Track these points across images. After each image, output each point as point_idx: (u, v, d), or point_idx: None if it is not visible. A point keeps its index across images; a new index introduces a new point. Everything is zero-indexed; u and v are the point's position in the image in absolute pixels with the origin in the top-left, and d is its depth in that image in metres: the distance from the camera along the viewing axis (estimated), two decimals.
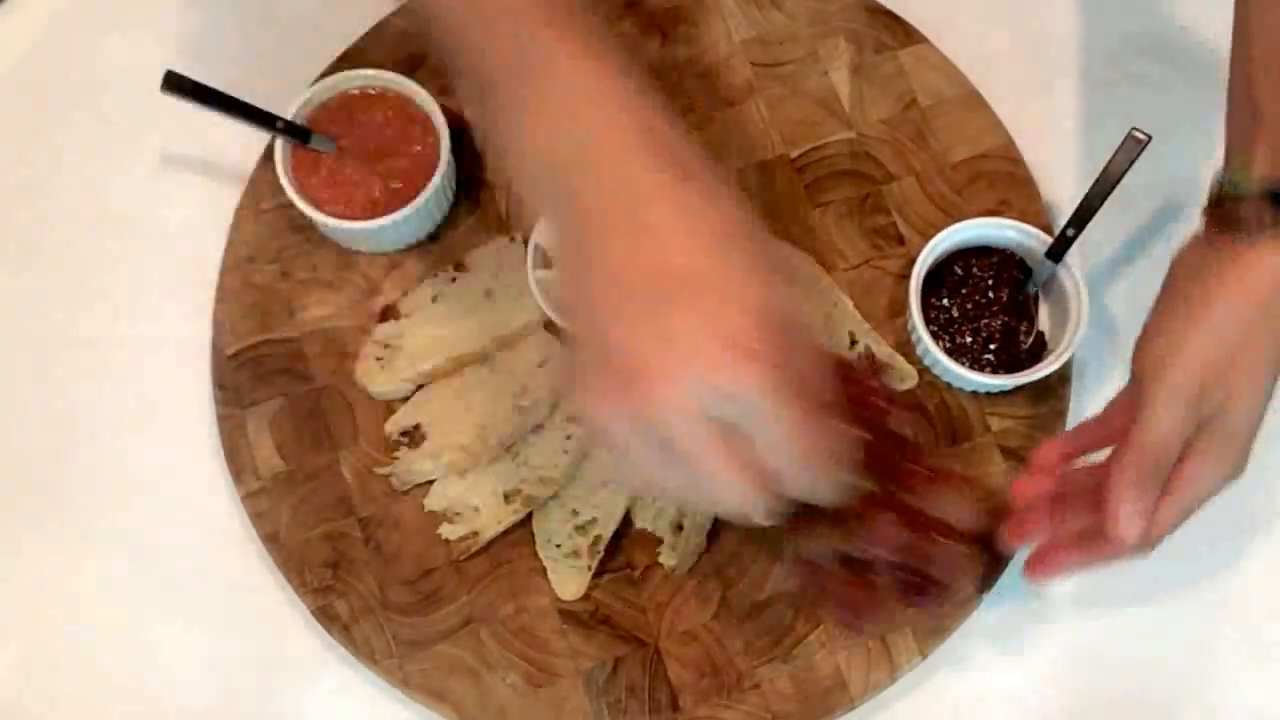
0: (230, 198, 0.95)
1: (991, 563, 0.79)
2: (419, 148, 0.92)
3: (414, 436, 0.90)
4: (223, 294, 0.93)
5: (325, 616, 0.86)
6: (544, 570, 0.87)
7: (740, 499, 0.59)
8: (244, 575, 0.89)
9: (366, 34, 0.99)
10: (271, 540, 0.88)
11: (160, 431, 0.92)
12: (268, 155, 0.94)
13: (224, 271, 0.93)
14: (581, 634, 0.86)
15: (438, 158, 0.91)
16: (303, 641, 0.87)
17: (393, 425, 0.90)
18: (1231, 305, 0.69)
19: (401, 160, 0.92)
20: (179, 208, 0.97)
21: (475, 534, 0.87)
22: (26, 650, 0.88)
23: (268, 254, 0.94)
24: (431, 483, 0.89)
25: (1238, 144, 0.71)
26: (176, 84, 0.88)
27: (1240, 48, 0.72)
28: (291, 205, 0.91)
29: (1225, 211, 0.70)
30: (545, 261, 0.91)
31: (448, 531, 0.88)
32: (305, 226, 0.94)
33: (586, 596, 0.87)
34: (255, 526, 0.88)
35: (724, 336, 0.54)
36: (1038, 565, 0.76)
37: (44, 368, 0.93)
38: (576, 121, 0.59)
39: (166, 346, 0.93)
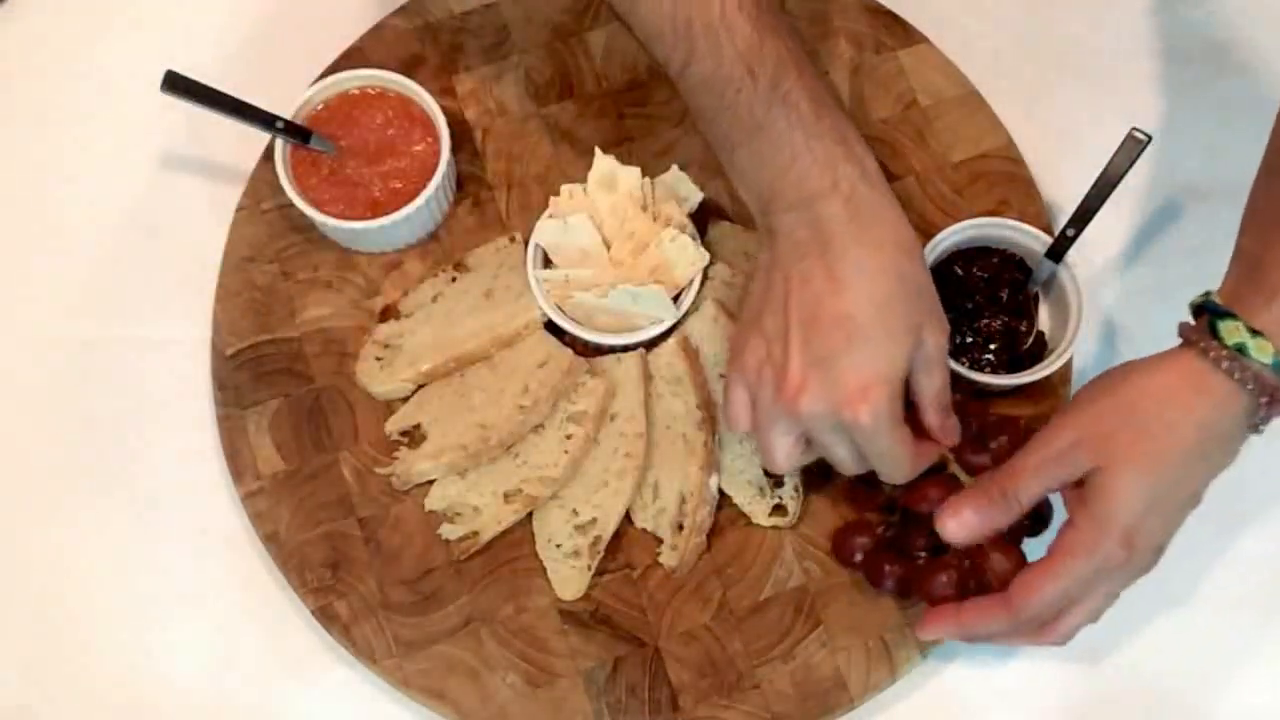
0: (230, 198, 0.95)
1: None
2: (419, 148, 0.92)
3: (414, 436, 0.90)
4: (223, 294, 0.93)
5: (325, 616, 0.86)
6: (544, 570, 0.87)
7: (847, 470, 0.80)
8: (244, 575, 0.89)
9: (366, 34, 0.99)
10: (271, 540, 0.88)
11: (160, 431, 0.92)
12: (268, 155, 0.94)
13: (224, 271, 0.93)
14: (581, 634, 0.86)
15: (438, 158, 0.91)
16: (303, 641, 0.87)
17: (393, 425, 0.90)
18: (1132, 385, 0.74)
19: (401, 160, 0.92)
20: (179, 208, 0.97)
21: (475, 534, 0.87)
22: (28, 650, 0.88)
23: (268, 254, 0.94)
24: (431, 483, 0.89)
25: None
26: (176, 84, 0.88)
27: (1251, 198, 0.77)
28: (291, 205, 0.91)
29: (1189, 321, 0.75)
30: (545, 261, 0.92)
31: (448, 531, 0.88)
32: (305, 226, 0.94)
33: (586, 596, 0.87)
34: (255, 526, 0.88)
35: (858, 386, 0.74)
36: (928, 620, 0.80)
37: (44, 368, 0.93)
38: (783, 172, 0.76)
39: (166, 346, 0.93)
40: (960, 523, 0.77)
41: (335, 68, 0.96)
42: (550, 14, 1.00)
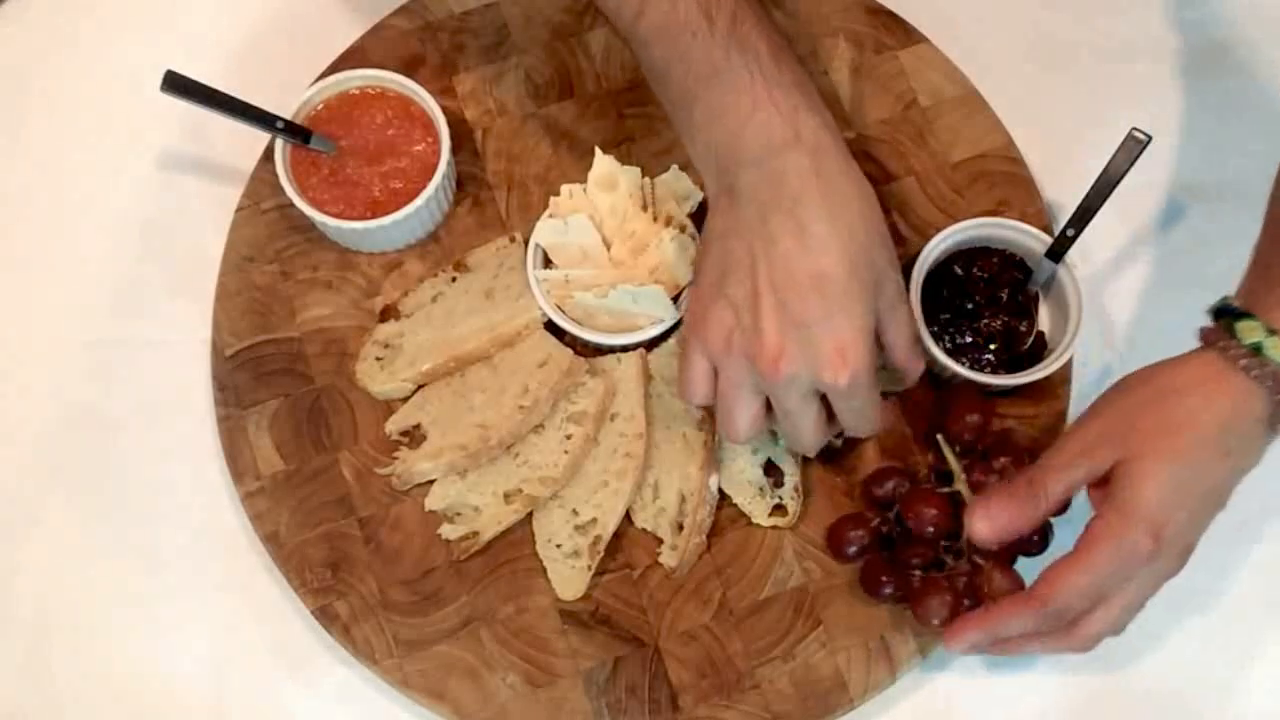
0: (230, 198, 0.95)
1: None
2: (419, 147, 0.92)
3: (414, 436, 0.90)
4: (223, 294, 0.93)
5: (325, 616, 0.86)
6: (544, 570, 0.87)
7: (811, 444, 0.80)
8: (244, 575, 0.89)
9: (366, 34, 0.99)
10: (271, 540, 0.88)
11: (160, 431, 0.92)
12: (268, 155, 0.94)
13: (224, 271, 0.93)
14: (581, 634, 0.86)
15: (438, 158, 0.91)
16: (303, 641, 0.87)
17: (393, 425, 0.90)
18: (1154, 384, 0.75)
19: (401, 160, 0.92)
20: (179, 208, 0.97)
21: (475, 534, 0.87)
22: (27, 650, 0.88)
23: (268, 254, 0.94)
24: (432, 483, 0.89)
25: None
26: (176, 84, 0.88)
27: (1269, 200, 0.79)
28: (291, 205, 0.91)
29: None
30: (545, 261, 0.92)
31: (448, 531, 0.88)
32: (305, 226, 0.94)
33: (586, 596, 0.87)
34: (255, 526, 0.88)
35: (837, 348, 0.74)
36: (954, 631, 0.79)
37: (44, 368, 0.93)
38: (744, 122, 0.75)
39: (166, 346, 0.93)
40: (990, 521, 0.76)
41: (335, 68, 0.96)
42: (550, 14, 1.00)
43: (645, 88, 0.98)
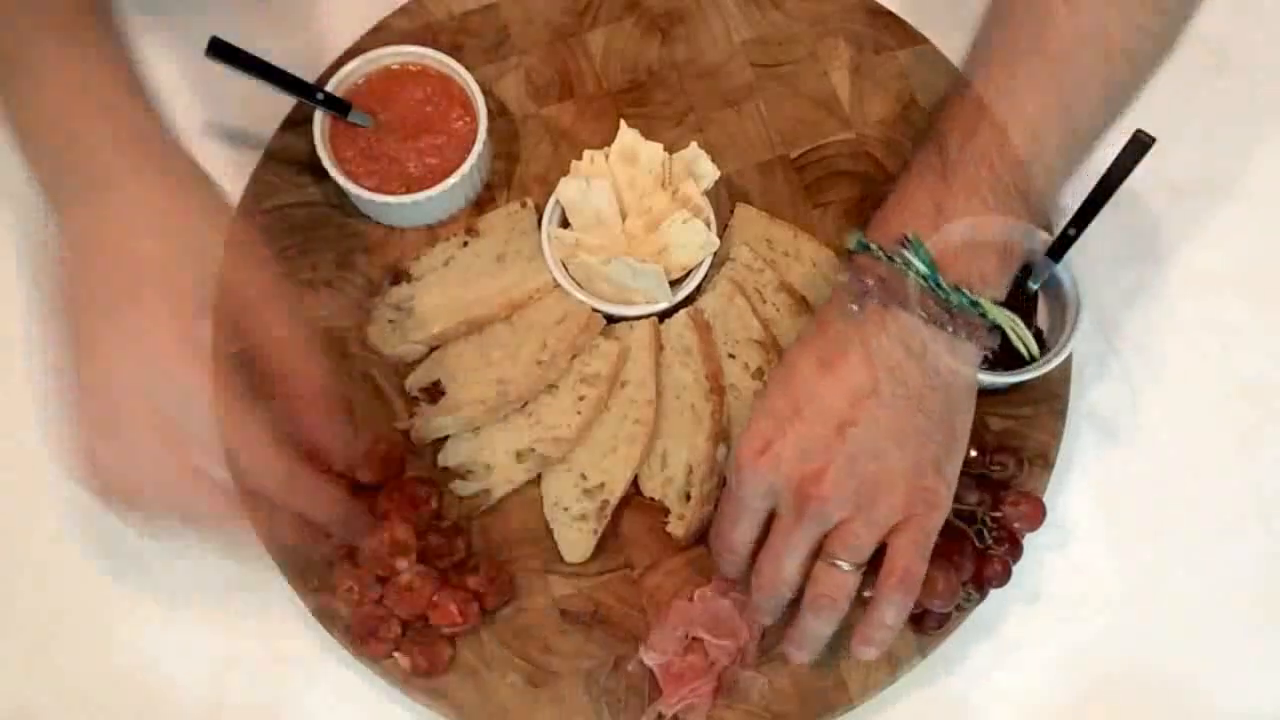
0: (230, 198, 0.95)
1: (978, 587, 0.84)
2: (457, 125, 0.93)
3: (432, 393, 0.90)
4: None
5: (325, 617, 0.86)
6: (544, 571, 0.87)
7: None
8: (244, 575, 0.89)
9: (366, 35, 0.99)
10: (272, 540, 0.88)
11: None
12: (268, 155, 0.94)
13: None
14: (581, 634, 0.86)
15: (474, 136, 0.91)
16: (303, 641, 0.87)
17: (412, 381, 0.90)
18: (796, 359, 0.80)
19: (439, 137, 0.92)
20: None
21: (487, 492, 0.88)
22: (28, 649, 0.88)
23: None
24: (446, 439, 0.89)
25: None
26: (221, 50, 0.87)
27: None
28: (291, 205, 0.91)
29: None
30: (564, 222, 0.92)
31: (460, 488, 0.88)
32: (305, 226, 0.94)
33: (586, 597, 0.87)
34: (255, 526, 0.88)
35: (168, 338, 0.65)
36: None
37: (45, 367, 0.93)
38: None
39: None
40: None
41: (334, 68, 0.96)
42: (550, 14, 1.00)
43: (645, 88, 0.99)
